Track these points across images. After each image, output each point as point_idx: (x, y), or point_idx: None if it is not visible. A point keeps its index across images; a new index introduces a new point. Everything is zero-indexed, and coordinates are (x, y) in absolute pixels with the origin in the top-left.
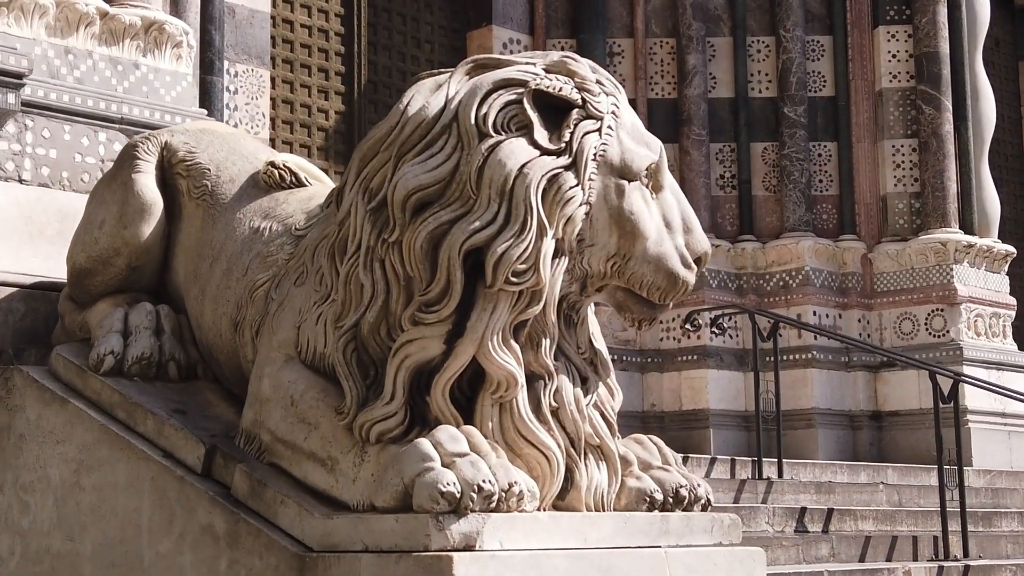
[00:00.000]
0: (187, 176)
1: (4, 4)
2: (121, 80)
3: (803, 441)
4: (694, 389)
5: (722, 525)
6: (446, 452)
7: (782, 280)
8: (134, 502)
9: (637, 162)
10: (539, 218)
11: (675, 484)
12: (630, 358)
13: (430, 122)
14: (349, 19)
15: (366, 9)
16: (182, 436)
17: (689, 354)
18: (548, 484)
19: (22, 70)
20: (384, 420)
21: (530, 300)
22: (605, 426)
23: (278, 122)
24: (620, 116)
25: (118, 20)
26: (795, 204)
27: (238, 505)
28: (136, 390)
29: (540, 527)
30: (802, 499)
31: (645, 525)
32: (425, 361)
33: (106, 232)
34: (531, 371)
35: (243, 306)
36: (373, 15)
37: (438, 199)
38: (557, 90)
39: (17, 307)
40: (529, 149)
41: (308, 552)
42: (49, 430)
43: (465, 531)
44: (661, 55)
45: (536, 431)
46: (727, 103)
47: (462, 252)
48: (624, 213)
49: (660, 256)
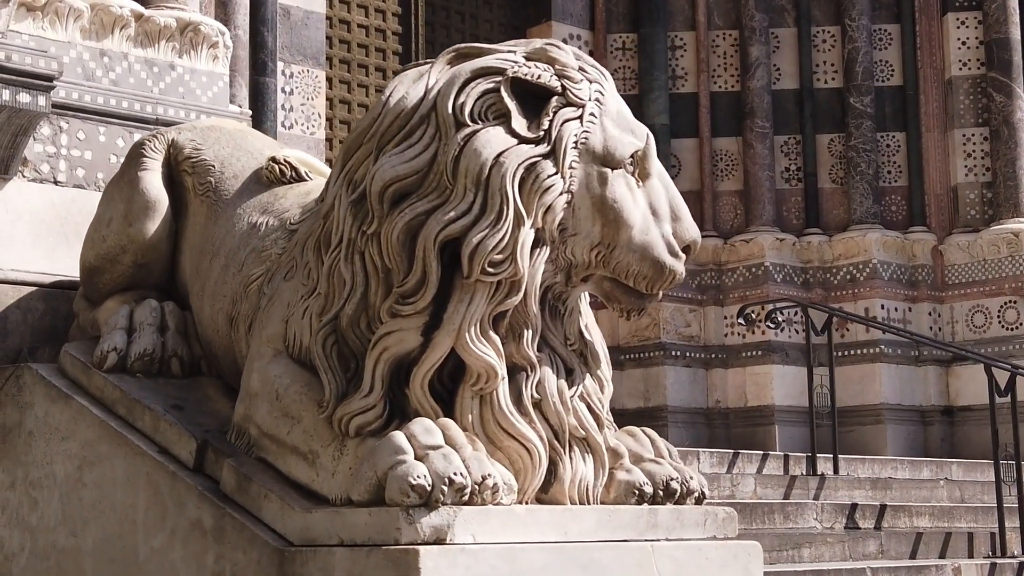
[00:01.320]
0: (192, 173)
1: (39, 8)
2: (157, 81)
3: (871, 437)
4: (759, 385)
5: (716, 519)
6: (420, 445)
7: (849, 274)
8: (131, 497)
9: (620, 149)
10: (516, 207)
11: (666, 477)
12: (694, 354)
13: (409, 112)
14: (406, 18)
15: (424, 8)
16: (176, 431)
17: (753, 349)
18: (530, 477)
19: (52, 72)
20: (362, 413)
21: (508, 291)
22: (591, 418)
23: (335, 122)
24: (604, 103)
25: (153, 22)
26: (862, 196)
27: (225, 500)
28: (137, 386)
29: (516, 520)
30: (856, 495)
31: (631, 519)
32: (404, 353)
33: (113, 230)
34: (513, 363)
35: (238, 301)
36: (431, 14)
37: (416, 190)
38: (536, 78)
39: (36, 306)
40: (506, 138)
41: (288, 546)
42: (55, 427)
43: (435, 524)
44: (724, 47)
45: (516, 423)
46: (791, 95)
47: (437, 243)
48: (607, 201)
49: (646, 245)
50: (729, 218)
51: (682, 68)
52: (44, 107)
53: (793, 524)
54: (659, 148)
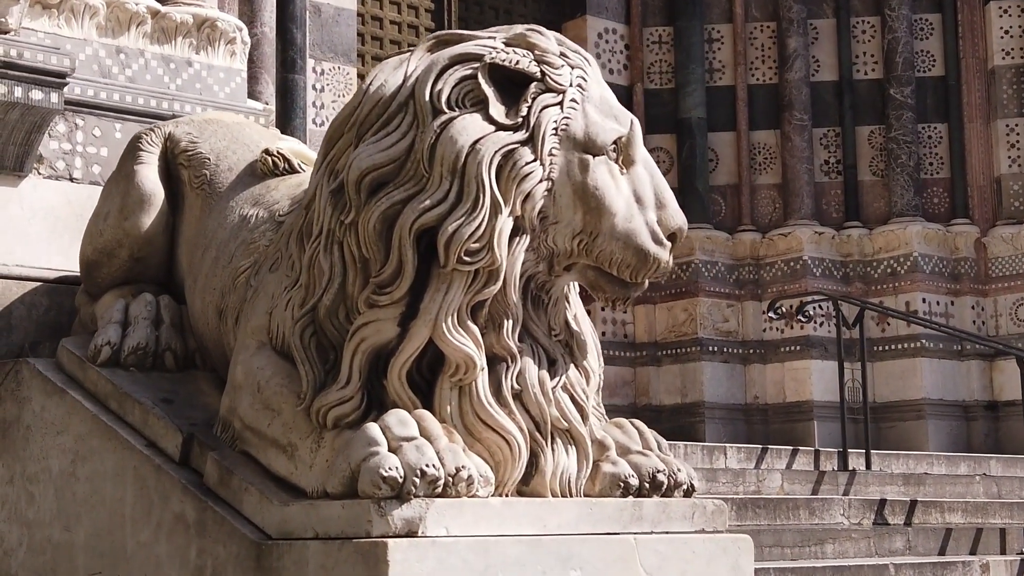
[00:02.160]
0: (188, 166)
1: (54, 6)
2: (174, 78)
3: (912, 433)
4: (797, 380)
5: (705, 511)
6: (394, 436)
7: (890, 267)
8: (120, 492)
9: (602, 136)
10: (492, 195)
11: (652, 469)
12: (731, 349)
13: (387, 100)
14: (439, 14)
15: (457, 3)
16: (163, 425)
17: (792, 344)
18: (509, 469)
19: (65, 69)
20: (339, 404)
21: (487, 280)
22: (575, 409)
23: None
24: (587, 89)
25: (169, 18)
26: (903, 188)
27: (208, 493)
28: (129, 380)
29: (492, 513)
30: (888, 491)
31: (614, 511)
32: (382, 344)
33: (110, 224)
34: (493, 353)
35: (227, 293)
36: (464, 9)
37: (394, 179)
38: (514, 63)
39: (41, 301)
40: (483, 125)
41: (267, 540)
42: (51, 421)
43: (407, 517)
44: (761, 40)
45: (495, 415)
46: (831, 86)
47: (413, 231)
48: (588, 189)
49: (629, 232)
50: (767, 212)
51: (719, 61)
52: (57, 104)
53: (819, 520)
54: (696, 142)
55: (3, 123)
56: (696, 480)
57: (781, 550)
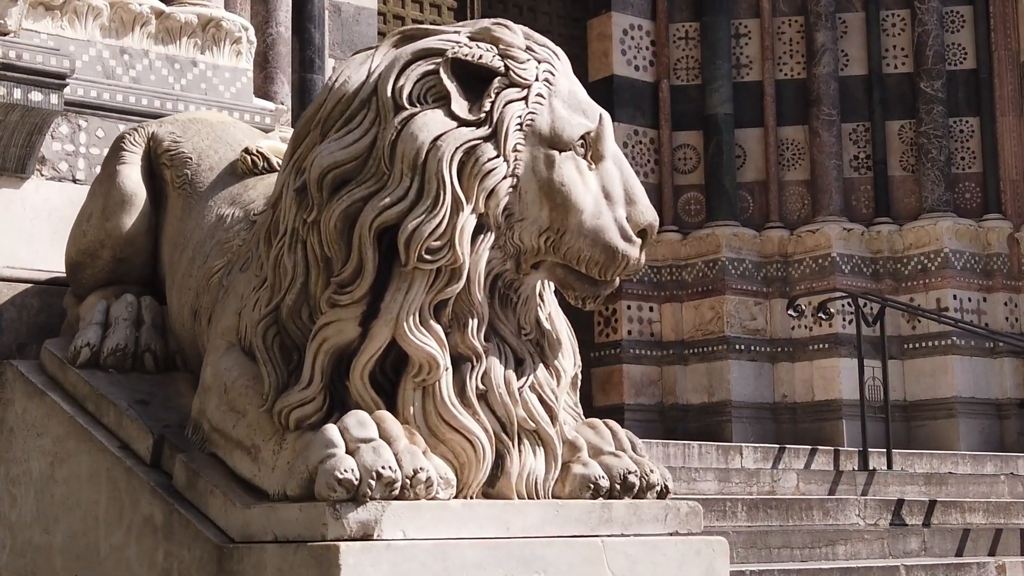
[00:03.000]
0: (171, 166)
1: (57, 7)
2: (178, 78)
3: (943, 431)
4: (826, 379)
5: (678, 513)
6: (352, 438)
7: (920, 263)
8: (94, 494)
9: (568, 131)
10: (453, 192)
11: (623, 470)
12: (759, 347)
13: (350, 96)
14: (462, 12)
15: (480, 1)
16: (136, 427)
17: (820, 342)
18: (474, 471)
19: (64, 71)
20: (301, 406)
21: (449, 278)
22: (543, 410)
23: None
24: (555, 84)
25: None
26: (934, 184)
27: (175, 496)
28: (107, 381)
29: (452, 516)
30: (908, 491)
31: (582, 513)
32: (344, 344)
33: (92, 225)
34: (458, 353)
35: (201, 294)
36: (487, 7)
37: (356, 176)
38: (477, 58)
39: (32, 303)
40: (445, 120)
41: (229, 543)
42: (31, 423)
43: (363, 519)
44: (789, 34)
45: (458, 415)
46: (860, 81)
47: (373, 230)
48: (555, 185)
49: (597, 229)
50: (796, 208)
51: (746, 56)
52: (57, 105)
53: (833, 520)
54: (723, 138)
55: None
56: (671, 481)
57: (790, 551)
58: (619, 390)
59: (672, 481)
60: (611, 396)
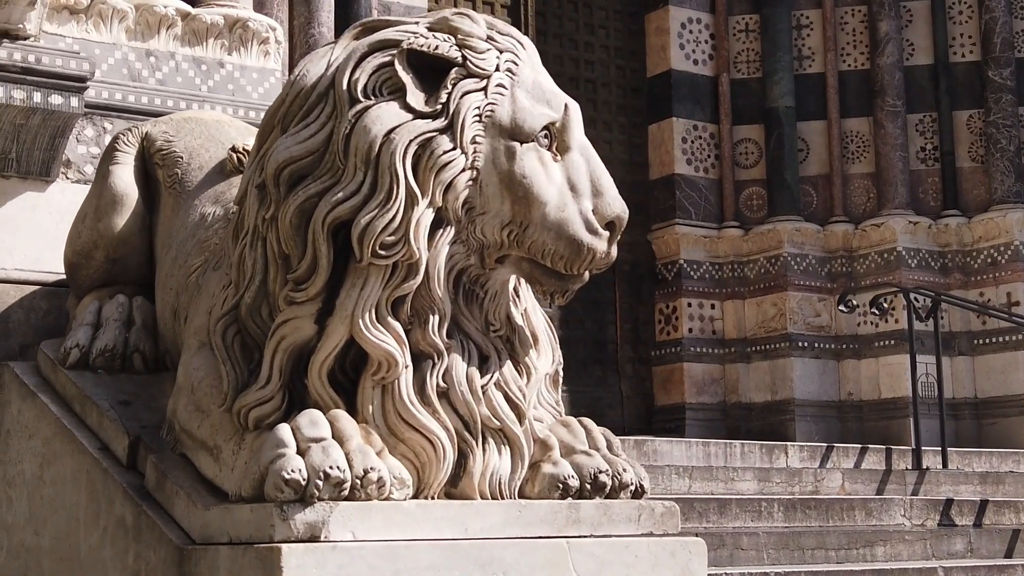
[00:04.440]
0: (163, 165)
1: (81, 11)
2: (205, 79)
3: (1016, 429)
4: (892, 376)
5: (652, 514)
6: (303, 438)
7: (990, 256)
8: (76, 495)
9: (530, 122)
10: (407, 186)
11: (594, 469)
12: (823, 344)
13: (308, 90)
14: (516, 9)
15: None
16: (115, 428)
17: (887, 339)
18: (434, 470)
19: (84, 73)
20: (259, 405)
21: (406, 274)
22: (508, 408)
23: None
24: (518, 74)
25: (200, 20)
26: (1003, 174)
27: (145, 497)
28: (93, 382)
29: (405, 517)
30: (961, 491)
31: (546, 514)
32: (302, 343)
33: (87, 226)
34: (419, 350)
35: (180, 293)
36: (542, 3)
37: (312, 171)
38: (432, 49)
39: (40, 304)
40: (400, 113)
41: (190, 544)
42: (24, 424)
43: (310, 521)
44: (852, 24)
45: (417, 414)
46: (925, 70)
47: (326, 225)
48: (515, 177)
49: (561, 222)
50: (861, 202)
51: (808, 48)
52: (77, 108)
53: (876, 521)
54: (784, 131)
55: (25, 128)
56: (646, 481)
57: (825, 552)
58: (680, 389)
59: (648, 480)
60: (672, 395)
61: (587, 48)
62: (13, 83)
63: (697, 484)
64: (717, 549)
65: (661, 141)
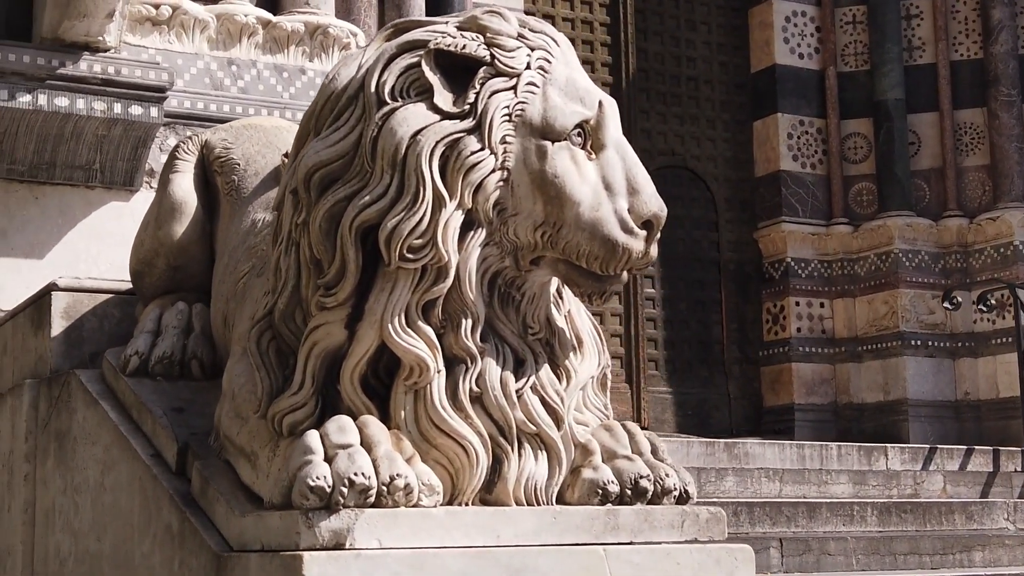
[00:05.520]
0: (221, 172)
1: (164, 22)
2: (287, 87)
3: None
4: (1011, 375)
5: (697, 520)
6: (331, 444)
7: None
8: (131, 502)
9: (561, 120)
10: (434, 188)
11: (635, 474)
12: (938, 343)
13: (339, 93)
14: (615, 7)
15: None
16: (166, 434)
17: (1004, 336)
18: (467, 477)
19: (163, 84)
20: (292, 411)
21: (436, 277)
22: (545, 412)
23: None
24: (551, 71)
25: (281, 28)
26: None
27: (189, 504)
28: (151, 389)
29: (433, 524)
30: None
31: (582, 520)
32: (334, 348)
33: (148, 234)
34: (452, 354)
35: (230, 299)
36: (642, 0)
37: (342, 175)
38: (460, 48)
39: (113, 312)
40: (427, 114)
41: (227, 551)
42: (88, 431)
43: (335, 528)
44: (964, 12)
45: (449, 419)
46: None
47: (353, 229)
48: (547, 177)
49: (595, 222)
50: (976, 196)
51: (918, 38)
52: (157, 118)
53: (977, 525)
54: (894, 125)
55: (108, 139)
56: (692, 486)
57: (919, 558)
58: (789, 390)
59: (694, 486)
60: (781, 396)
61: (689, 45)
62: (93, 95)
63: (788, 488)
64: (802, 555)
65: (766, 137)
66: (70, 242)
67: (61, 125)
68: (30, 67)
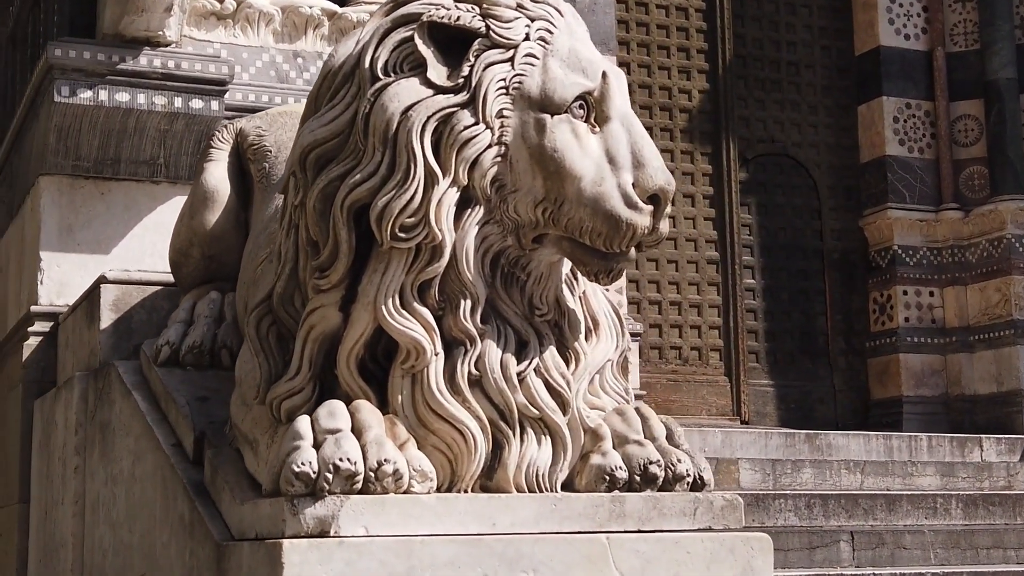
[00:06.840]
0: (254, 160)
1: (228, 16)
2: None
3: None
4: None
5: (711, 507)
6: (321, 429)
7: None
8: (154, 492)
9: (560, 92)
10: (426, 165)
11: (644, 460)
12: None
13: (335, 71)
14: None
15: None
16: (185, 424)
17: None
18: (466, 462)
19: (223, 77)
20: (290, 396)
21: (430, 257)
22: (548, 396)
23: (634, 108)
24: (552, 43)
25: (346, 19)
26: None
27: (200, 493)
28: (179, 379)
29: (423, 510)
30: None
31: (585, 507)
32: (331, 331)
33: (184, 224)
34: (452, 336)
35: (249, 286)
36: None
37: (337, 154)
38: (454, 20)
39: (161, 305)
40: (420, 89)
41: (228, 540)
42: (123, 422)
43: (320, 515)
44: None
45: (446, 404)
46: None
47: (345, 209)
48: (546, 151)
49: (597, 197)
50: None
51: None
52: (218, 112)
53: None
54: (1005, 105)
55: (170, 134)
56: (707, 472)
57: (1003, 552)
58: (896, 382)
59: (709, 472)
60: (888, 388)
61: (788, 29)
62: (154, 89)
63: (870, 480)
64: (875, 548)
65: (871, 122)
66: (136, 237)
67: (124, 120)
68: (90, 63)
